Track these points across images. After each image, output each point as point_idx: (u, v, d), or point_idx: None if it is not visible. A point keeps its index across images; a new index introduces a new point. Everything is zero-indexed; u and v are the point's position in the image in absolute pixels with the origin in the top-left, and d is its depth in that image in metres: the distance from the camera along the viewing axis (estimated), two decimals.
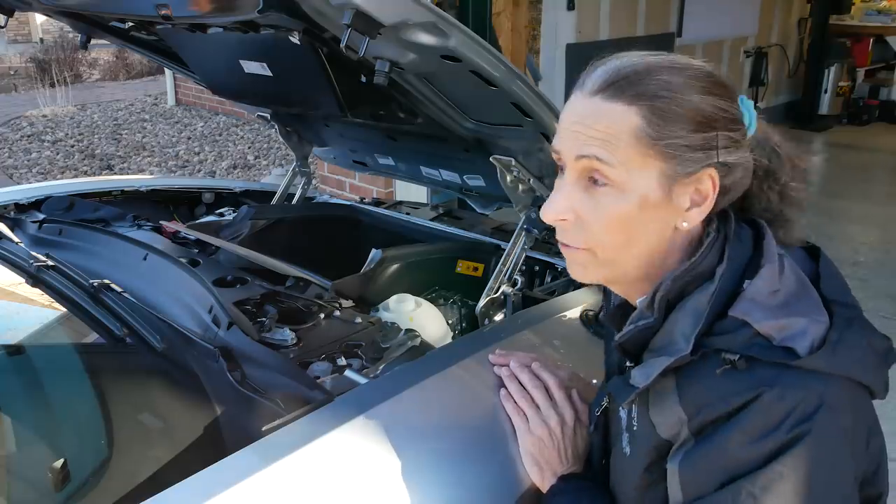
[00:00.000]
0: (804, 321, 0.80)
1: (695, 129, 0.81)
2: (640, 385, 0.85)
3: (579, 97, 0.85)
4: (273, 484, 0.90)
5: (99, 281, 1.34)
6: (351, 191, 4.48)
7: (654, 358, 0.86)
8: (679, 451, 0.82)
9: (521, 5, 5.60)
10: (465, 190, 1.91)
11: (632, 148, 0.81)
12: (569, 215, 0.85)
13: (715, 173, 0.83)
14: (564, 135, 0.85)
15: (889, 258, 4.24)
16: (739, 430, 0.76)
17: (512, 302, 1.53)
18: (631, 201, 0.82)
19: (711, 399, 0.79)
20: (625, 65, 0.83)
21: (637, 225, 0.84)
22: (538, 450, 1.04)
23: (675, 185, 0.83)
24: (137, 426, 1.19)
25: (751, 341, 0.79)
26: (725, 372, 0.78)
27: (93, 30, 1.81)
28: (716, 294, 0.82)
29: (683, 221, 0.85)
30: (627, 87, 0.81)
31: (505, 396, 1.11)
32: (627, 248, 0.85)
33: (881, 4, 8.21)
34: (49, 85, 9.04)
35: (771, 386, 0.76)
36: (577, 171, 0.84)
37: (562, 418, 1.06)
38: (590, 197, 0.84)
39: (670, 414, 0.83)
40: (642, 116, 0.80)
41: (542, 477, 1.03)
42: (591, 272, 0.89)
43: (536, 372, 1.12)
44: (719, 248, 0.85)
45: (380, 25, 1.10)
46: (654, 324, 0.86)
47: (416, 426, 1.05)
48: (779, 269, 0.84)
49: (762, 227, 0.88)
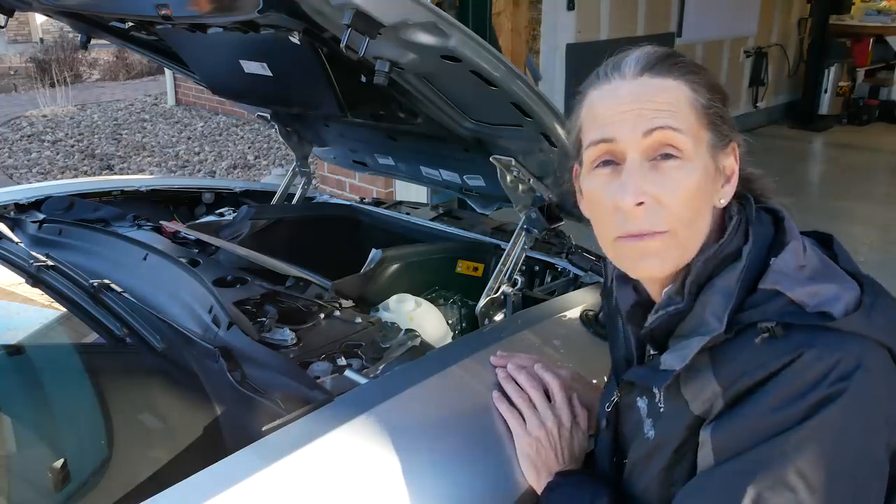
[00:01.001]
0: (835, 287, 0.81)
1: (722, 103, 0.87)
2: (677, 367, 0.84)
3: (621, 83, 0.86)
4: (273, 484, 0.90)
5: (99, 281, 1.34)
6: (351, 191, 4.48)
7: (684, 341, 0.85)
8: (714, 419, 0.81)
9: (521, 5, 5.60)
10: (465, 190, 1.91)
11: (691, 117, 0.84)
12: (646, 197, 0.83)
13: (736, 148, 0.89)
14: (619, 118, 0.85)
15: (889, 258, 4.24)
16: (777, 390, 0.76)
17: (512, 302, 1.53)
18: (699, 172, 0.84)
19: (749, 368, 0.79)
20: (649, 51, 0.88)
21: (703, 198, 0.86)
22: (535, 451, 1.04)
23: (717, 156, 0.87)
24: (137, 426, 1.19)
25: (785, 308, 0.79)
26: (764, 340, 0.78)
27: (93, 30, 1.81)
28: (744, 272, 0.83)
29: (721, 198, 0.88)
30: (670, 65, 0.86)
31: (498, 397, 1.10)
32: (696, 223, 0.86)
33: (881, 4, 8.21)
34: (49, 85, 9.04)
35: (809, 347, 0.76)
36: (644, 150, 0.84)
37: (559, 419, 1.06)
38: (661, 174, 0.84)
39: (705, 389, 0.82)
40: (691, 88, 0.85)
41: (539, 478, 1.02)
42: (668, 260, 0.86)
43: (538, 373, 1.12)
44: (744, 230, 0.87)
45: (380, 25, 1.10)
46: (684, 308, 0.86)
47: (416, 426, 1.05)
48: (802, 245, 0.85)
49: (779, 212, 0.90)
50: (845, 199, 5.32)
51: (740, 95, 7.16)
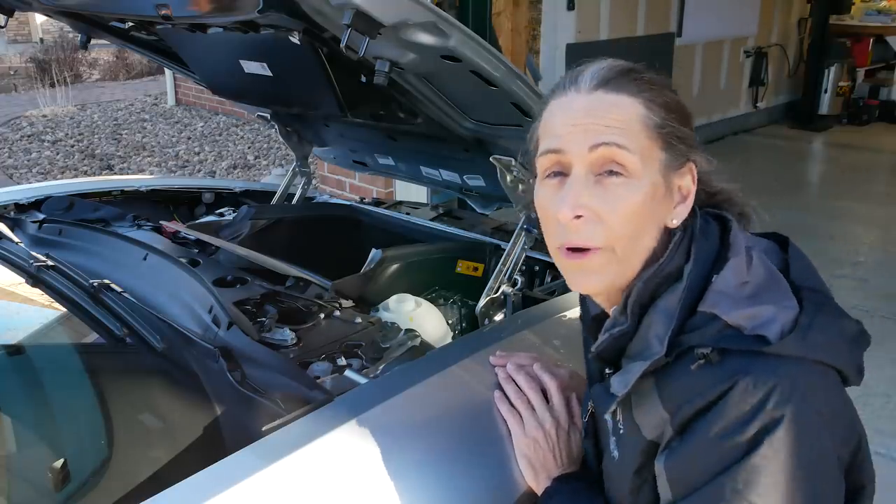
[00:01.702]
0: (772, 308, 0.80)
1: (680, 122, 0.86)
2: (620, 393, 0.85)
3: (576, 96, 0.86)
4: (273, 484, 0.90)
5: (99, 281, 1.34)
6: (351, 191, 4.48)
7: (631, 363, 0.86)
8: (665, 450, 0.82)
9: (521, 5, 5.60)
10: (465, 190, 1.91)
11: (642, 135, 0.84)
12: (585, 211, 0.84)
13: (694, 167, 0.88)
14: (569, 131, 0.85)
15: (889, 258, 4.24)
16: (717, 421, 0.76)
17: (512, 302, 1.53)
18: (644, 191, 0.83)
19: (690, 395, 0.79)
20: (609, 66, 0.87)
21: (648, 217, 0.85)
22: (533, 451, 1.04)
23: (671, 176, 0.86)
24: (137, 426, 1.19)
25: (721, 333, 0.79)
26: (700, 367, 0.78)
27: (93, 30, 1.81)
28: (685, 292, 0.83)
29: (673, 218, 0.87)
30: (625, 81, 0.85)
31: (499, 398, 1.11)
32: (638, 242, 0.85)
33: (881, 4, 8.21)
34: (49, 85, 9.04)
35: (744, 374, 0.76)
36: (590, 164, 0.84)
37: (557, 421, 1.06)
38: (604, 189, 0.84)
39: (653, 414, 0.83)
40: (645, 106, 0.84)
41: (537, 479, 1.02)
42: (605, 277, 0.87)
43: (536, 373, 1.12)
44: (686, 247, 0.86)
45: (380, 25, 1.10)
46: (628, 329, 0.87)
47: (416, 426, 1.05)
48: (747, 260, 0.84)
49: (728, 221, 0.89)
50: (845, 198, 5.32)
51: (740, 95, 7.16)
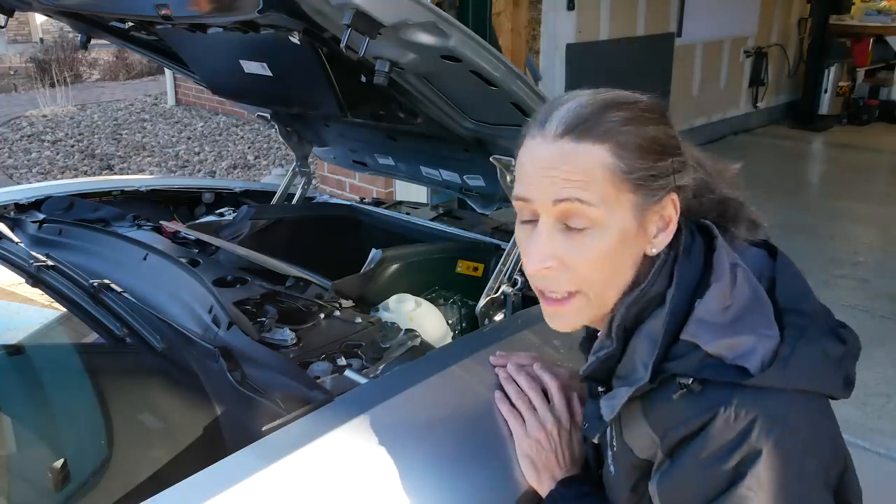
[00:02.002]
0: (753, 339, 0.80)
1: (657, 159, 0.84)
2: (608, 418, 0.87)
3: (542, 142, 0.85)
4: (273, 484, 0.90)
5: (99, 281, 1.34)
6: (351, 191, 4.48)
7: (619, 387, 0.87)
8: (657, 471, 0.83)
9: (521, 5, 5.59)
10: (465, 190, 1.91)
11: (607, 184, 0.82)
12: (552, 261, 0.85)
13: (676, 198, 0.87)
14: (534, 182, 0.85)
15: (889, 258, 4.24)
16: (702, 449, 0.77)
17: (512, 302, 1.53)
18: (613, 237, 0.83)
19: (674, 422, 0.80)
20: (582, 105, 0.85)
21: (619, 258, 0.85)
22: (535, 452, 1.04)
23: (645, 214, 0.85)
24: (137, 426, 1.19)
25: (702, 363, 0.80)
26: (682, 395, 0.79)
27: (93, 30, 1.81)
28: (668, 318, 0.83)
29: (653, 248, 0.87)
30: (592, 127, 0.83)
31: (500, 398, 1.11)
32: (613, 281, 0.86)
33: (881, 4, 8.21)
34: (49, 85, 9.04)
35: (725, 405, 0.77)
36: (555, 216, 0.84)
37: (559, 421, 1.06)
38: (571, 239, 0.84)
39: (643, 436, 0.85)
40: (612, 153, 0.82)
41: (540, 480, 1.03)
42: (583, 317, 0.89)
43: (536, 373, 1.12)
44: (668, 270, 0.86)
45: (380, 25, 1.10)
46: (614, 352, 0.88)
47: (416, 426, 1.05)
48: (731, 281, 0.84)
49: (716, 240, 0.89)
50: (845, 198, 5.32)
51: (740, 95, 7.16)
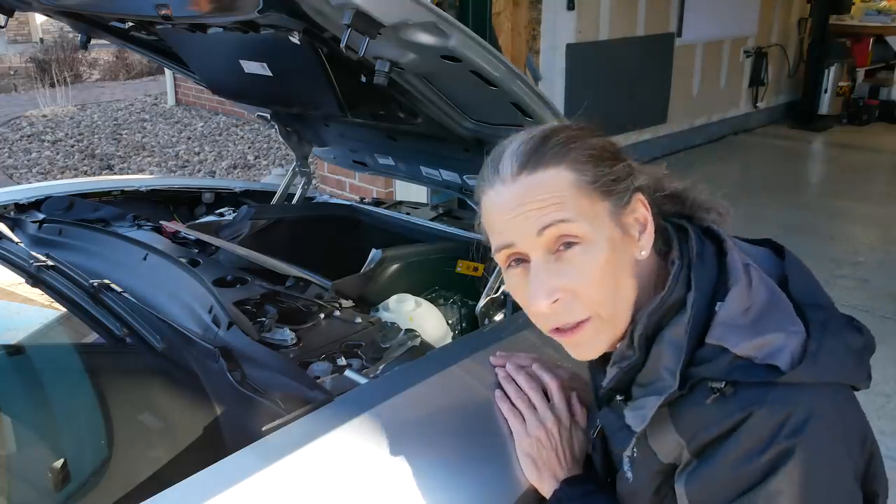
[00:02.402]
0: (781, 336, 0.81)
1: (611, 164, 0.87)
2: (638, 429, 0.87)
3: (502, 188, 0.87)
4: (273, 484, 0.90)
5: (99, 281, 1.34)
6: (351, 191, 4.48)
7: (644, 396, 0.87)
8: (683, 472, 0.84)
9: (521, 5, 5.58)
10: (465, 190, 1.91)
11: (580, 199, 0.84)
12: (558, 293, 0.85)
13: (641, 196, 0.89)
14: (509, 225, 0.86)
15: (889, 258, 4.24)
16: (735, 449, 0.78)
17: (512, 302, 1.53)
18: (604, 248, 0.85)
19: (705, 424, 0.80)
20: (524, 142, 0.88)
21: (616, 269, 0.86)
22: (536, 451, 1.04)
23: (621, 218, 0.87)
24: (137, 426, 1.19)
25: (732, 365, 0.80)
26: (714, 400, 0.80)
27: (93, 30, 1.81)
28: (691, 323, 0.84)
29: (641, 251, 0.88)
30: (543, 155, 0.85)
31: (500, 398, 1.11)
32: (618, 294, 0.87)
33: (881, 4, 8.22)
34: (49, 85, 9.04)
35: (759, 405, 0.77)
36: (543, 247, 0.85)
37: (559, 420, 1.06)
38: (566, 266, 0.85)
39: (669, 441, 0.85)
40: (571, 170, 0.85)
41: (541, 478, 1.03)
42: (602, 339, 0.89)
43: (536, 372, 1.13)
44: (685, 276, 0.87)
45: (380, 25, 1.10)
46: (637, 362, 0.88)
47: (416, 426, 1.05)
48: (747, 283, 0.85)
49: (724, 243, 0.90)
50: (845, 198, 5.32)
51: (740, 95, 7.16)
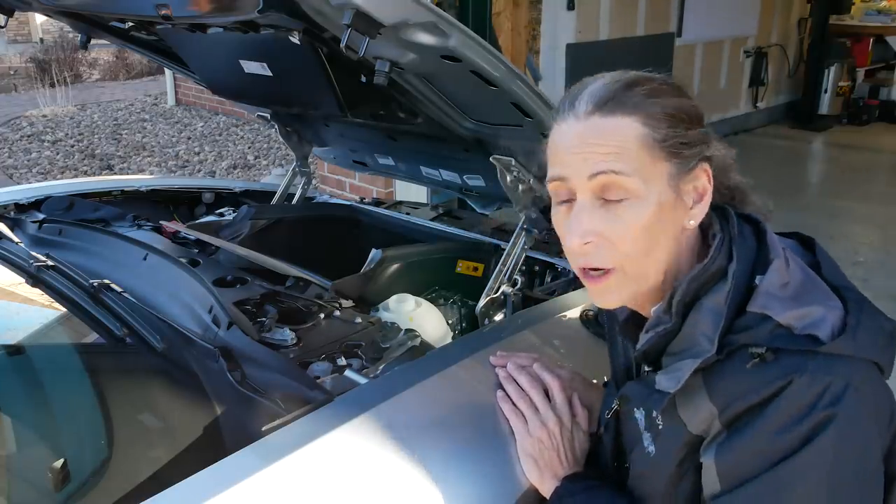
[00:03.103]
0: (821, 308, 0.83)
1: (686, 127, 0.87)
2: (672, 390, 0.86)
3: (573, 122, 0.87)
4: (273, 484, 0.90)
5: (99, 281, 1.34)
6: (351, 191, 4.48)
7: (678, 361, 0.87)
8: (712, 443, 0.83)
9: (521, 5, 5.59)
10: (465, 190, 1.91)
11: (642, 155, 0.84)
12: (593, 237, 0.86)
13: (707, 167, 0.89)
14: (569, 160, 0.87)
15: (889, 258, 4.24)
16: (774, 416, 0.78)
17: (512, 302, 1.53)
18: (650, 208, 0.85)
19: (742, 392, 0.81)
20: (607, 84, 0.87)
21: (657, 230, 0.86)
22: (537, 452, 1.04)
23: (680, 183, 0.87)
24: (137, 426, 1.19)
25: (774, 333, 0.81)
26: (755, 365, 0.80)
27: (93, 30, 1.80)
28: (731, 292, 0.84)
29: (690, 220, 0.89)
30: (621, 101, 0.85)
31: (502, 398, 1.11)
32: (651, 255, 0.87)
33: (881, 4, 8.21)
34: (49, 85, 9.04)
35: (800, 372, 0.78)
36: (591, 191, 0.86)
37: (560, 420, 1.06)
38: (610, 213, 0.86)
39: (701, 410, 0.85)
40: (643, 123, 0.85)
41: (542, 479, 1.03)
42: (624, 292, 0.90)
43: (537, 372, 1.13)
44: (727, 248, 0.88)
45: (380, 25, 1.10)
46: (672, 327, 0.89)
47: (416, 426, 1.05)
48: (785, 260, 0.86)
49: (761, 223, 0.91)
50: (845, 198, 5.32)
51: (740, 95, 7.16)
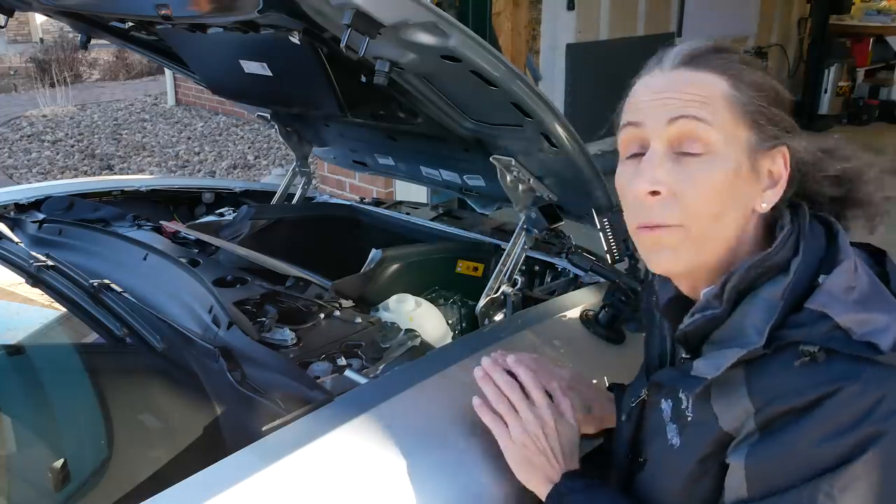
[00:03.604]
0: (886, 317, 0.77)
1: (770, 103, 0.84)
2: (710, 376, 0.81)
3: (659, 74, 0.85)
4: (273, 484, 0.90)
5: (99, 281, 1.34)
6: (351, 191, 4.48)
7: (720, 350, 0.83)
8: (743, 444, 0.78)
9: (521, 5, 5.59)
10: (465, 190, 1.91)
11: (725, 111, 0.82)
12: (662, 187, 0.81)
13: (787, 152, 0.85)
14: (648, 105, 0.84)
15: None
16: (816, 425, 0.73)
17: (512, 302, 1.53)
18: (727, 168, 0.81)
19: (784, 391, 0.75)
20: (699, 42, 0.86)
21: (730, 196, 0.82)
22: (524, 457, 1.00)
23: (757, 157, 0.83)
24: (137, 426, 1.19)
25: (830, 334, 0.75)
26: (804, 364, 0.75)
27: (93, 30, 1.80)
28: (790, 287, 0.80)
29: (763, 202, 0.84)
30: (710, 59, 0.84)
31: (479, 406, 1.05)
32: (719, 222, 0.82)
33: (881, 4, 8.21)
34: (49, 85, 9.04)
35: (852, 380, 0.72)
36: (668, 139, 0.82)
37: (542, 419, 1.01)
38: (682, 167, 0.82)
39: (736, 405, 0.79)
40: (730, 84, 0.83)
41: (535, 483, 0.99)
42: (682, 255, 0.84)
43: (512, 367, 1.06)
44: (794, 242, 0.83)
45: (380, 25, 1.10)
46: (721, 314, 0.84)
47: (416, 426, 1.05)
48: (854, 265, 0.82)
49: (834, 225, 0.86)
50: None
51: None
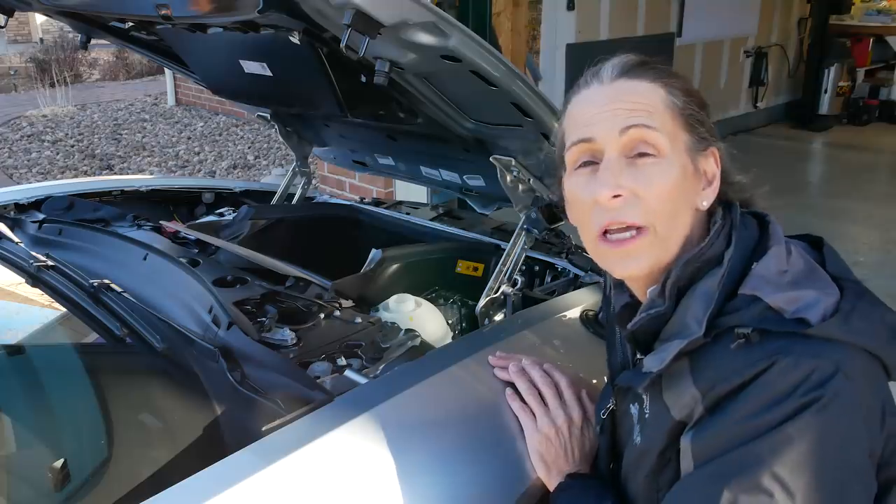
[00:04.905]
0: (814, 293, 0.81)
1: (699, 107, 0.89)
2: (655, 370, 0.85)
3: (599, 88, 0.89)
4: (273, 484, 0.90)
5: (99, 281, 1.34)
6: (351, 191, 4.48)
7: (667, 343, 0.87)
8: (692, 427, 0.82)
9: (521, 5, 5.59)
10: (465, 190, 1.91)
11: (667, 117, 0.87)
12: (623, 191, 0.86)
13: (717, 152, 0.91)
14: (597, 119, 0.88)
15: (889, 258, 4.24)
16: (754, 397, 0.76)
17: (512, 302, 1.53)
18: (676, 170, 0.86)
19: (725, 374, 0.79)
20: (626, 56, 0.91)
21: (681, 196, 0.87)
22: (545, 448, 1.05)
23: (696, 158, 0.89)
24: (137, 426, 1.19)
25: (763, 314, 0.80)
26: (739, 346, 0.79)
27: (93, 30, 1.81)
28: (725, 276, 0.84)
29: (703, 200, 0.89)
30: (644, 70, 0.89)
31: (511, 395, 1.11)
32: (676, 220, 0.87)
33: (881, 4, 8.21)
34: (49, 85, 9.03)
35: (784, 354, 0.76)
36: (621, 147, 0.87)
37: (570, 418, 1.07)
38: (638, 171, 0.86)
39: (685, 394, 0.83)
40: (666, 91, 0.88)
41: (549, 475, 1.04)
42: (651, 257, 0.87)
43: (548, 371, 1.13)
44: (726, 234, 0.88)
45: (380, 25, 1.10)
46: (665, 311, 0.88)
47: (416, 426, 1.05)
48: (786, 249, 0.86)
49: (765, 216, 0.91)
50: (845, 198, 5.31)
51: (740, 95, 7.15)
